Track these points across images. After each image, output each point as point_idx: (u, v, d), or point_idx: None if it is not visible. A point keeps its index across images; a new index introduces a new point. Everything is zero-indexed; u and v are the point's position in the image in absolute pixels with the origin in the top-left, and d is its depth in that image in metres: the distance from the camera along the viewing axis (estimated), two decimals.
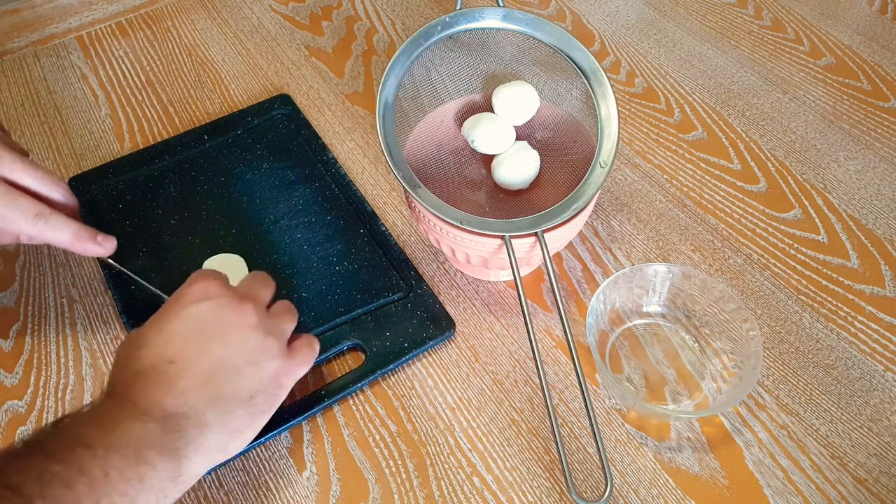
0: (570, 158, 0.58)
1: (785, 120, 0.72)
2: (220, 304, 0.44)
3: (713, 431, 0.51)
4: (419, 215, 0.54)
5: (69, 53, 0.79)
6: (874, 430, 0.51)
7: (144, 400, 0.40)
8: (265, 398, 0.44)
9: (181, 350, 0.42)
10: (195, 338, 0.43)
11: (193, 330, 0.43)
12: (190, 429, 0.40)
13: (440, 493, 0.48)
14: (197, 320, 0.43)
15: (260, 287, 0.48)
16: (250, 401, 0.43)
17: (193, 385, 0.41)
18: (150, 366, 0.41)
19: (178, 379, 0.41)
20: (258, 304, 0.46)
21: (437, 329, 0.55)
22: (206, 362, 0.42)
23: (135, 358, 0.42)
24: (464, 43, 0.58)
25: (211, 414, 0.41)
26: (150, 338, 0.43)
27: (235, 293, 0.45)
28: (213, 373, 0.42)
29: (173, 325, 0.43)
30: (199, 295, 0.44)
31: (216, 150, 0.67)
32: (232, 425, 0.43)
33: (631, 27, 0.82)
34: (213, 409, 0.41)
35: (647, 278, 0.55)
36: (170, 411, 0.40)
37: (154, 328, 0.43)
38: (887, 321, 0.56)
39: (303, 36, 0.81)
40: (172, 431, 0.40)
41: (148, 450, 0.38)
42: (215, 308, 0.44)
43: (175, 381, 0.41)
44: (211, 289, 0.45)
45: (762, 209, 0.64)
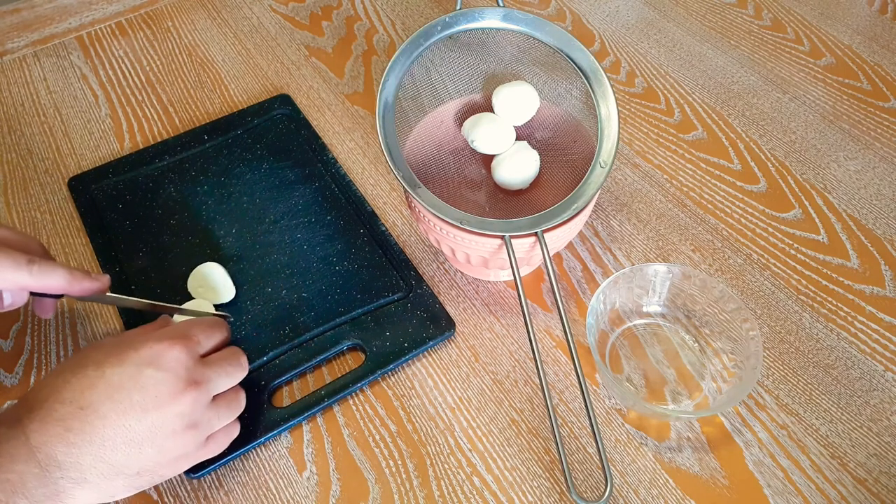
0: (570, 158, 0.58)
1: (785, 120, 0.72)
2: (161, 378, 0.42)
3: (713, 431, 0.51)
4: (419, 215, 0.54)
5: (69, 53, 0.79)
6: (874, 430, 0.51)
7: (36, 437, 0.39)
8: (150, 478, 0.43)
9: (98, 402, 0.41)
10: (117, 396, 0.41)
11: (120, 387, 0.41)
12: (66, 483, 0.40)
13: (440, 493, 0.48)
14: (133, 381, 0.42)
15: (220, 376, 0.46)
16: (135, 476, 0.42)
17: (90, 441, 0.40)
18: (65, 399, 0.40)
19: (78, 429, 0.40)
20: (202, 395, 0.44)
21: (437, 329, 0.55)
22: (112, 426, 0.41)
23: (61, 380, 0.41)
24: (464, 43, 0.58)
25: (92, 475, 0.41)
26: (85, 368, 0.42)
27: (187, 375, 0.43)
28: (115, 438, 0.41)
29: (109, 370, 0.42)
30: (150, 357, 0.43)
31: (216, 150, 0.67)
32: (107, 490, 0.42)
33: (631, 27, 0.82)
34: (95, 471, 0.41)
35: (647, 278, 0.55)
36: (54, 460, 0.39)
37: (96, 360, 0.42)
38: (887, 321, 0.57)
39: (303, 36, 0.81)
40: (48, 483, 0.39)
41: (20, 498, 0.38)
42: (154, 379, 0.42)
43: (75, 430, 0.40)
44: (165, 359, 0.43)
45: (762, 209, 0.64)
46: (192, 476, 0.49)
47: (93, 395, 0.41)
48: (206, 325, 0.47)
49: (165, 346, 0.43)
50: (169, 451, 0.43)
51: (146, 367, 0.42)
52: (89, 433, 0.40)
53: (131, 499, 0.48)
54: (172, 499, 0.48)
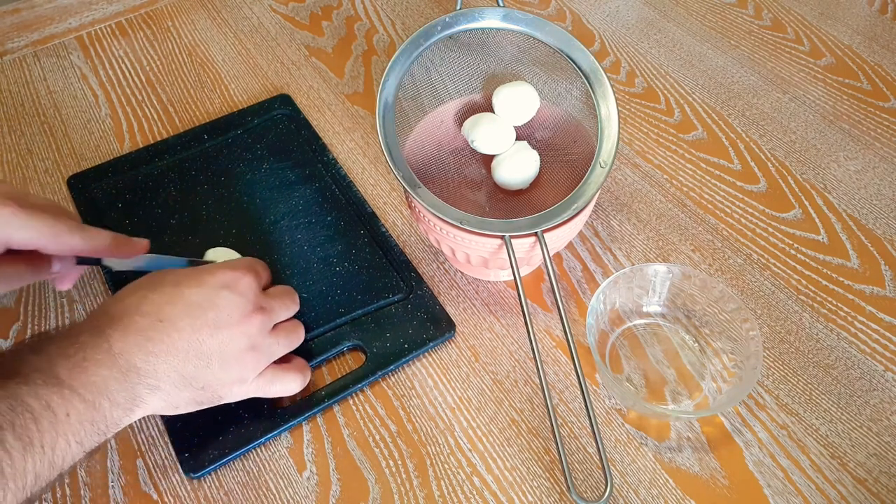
0: (570, 158, 0.58)
1: (785, 120, 0.72)
2: (235, 300, 0.46)
3: (713, 431, 0.51)
4: (419, 215, 0.54)
5: (69, 53, 0.79)
6: (874, 430, 0.51)
7: (118, 345, 0.42)
8: (211, 395, 0.46)
9: (177, 316, 0.44)
10: (195, 313, 0.45)
11: (199, 306, 0.45)
12: (142, 389, 0.43)
13: (440, 493, 0.48)
14: (210, 300, 0.45)
15: (281, 307, 0.50)
16: (200, 390, 0.45)
17: (166, 351, 0.43)
18: (145, 312, 0.44)
19: (156, 339, 0.43)
20: (267, 320, 0.48)
21: (438, 329, 0.55)
22: (187, 339, 0.44)
23: (138, 296, 0.45)
24: (464, 43, 0.58)
25: (165, 384, 0.44)
26: (164, 286, 0.45)
27: (255, 300, 0.48)
28: (188, 351, 0.44)
29: (187, 290, 0.45)
30: (226, 281, 0.47)
31: (216, 150, 0.67)
32: (173, 400, 0.45)
33: (631, 27, 0.82)
34: (169, 380, 0.44)
35: (647, 278, 0.55)
36: (135, 367, 0.42)
37: (173, 280, 0.46)
38: (887, 321, 0.57)
39: (303, 36, 0.81)
40: (129, 387, 0.42)
41: (104, 399, 0.41)
42: (229, 301, 0.46)
43: (153, 340, 0.43)
44: (241, 284, 0.47)
45: (762, 209, 0.64)
46: (193, 476, 0.49)
47: (172, 310, 0.44)
48: (263, 263, 0.52)
49: (239, 274, 0.48)
50: (231, 369, 0.46)
51: (222, 289, 0.46)
52: (167, 343, 0.43)
53: (133, 496, 0.48)
54: (172, 499, 0.48)
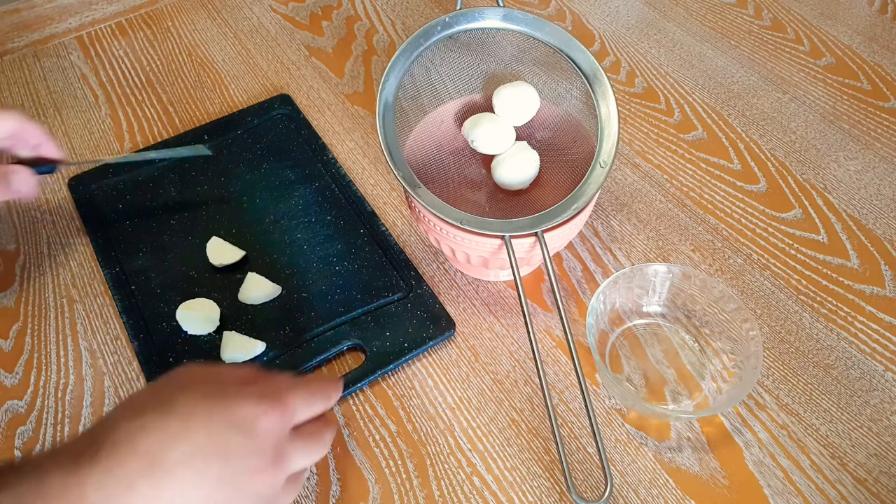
0: (570, 158, 0.58)
1: (785, 120, 0.72)
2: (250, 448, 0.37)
3: (713, 431, 0.51)
4: (419, 215, 0.54)
5: (69, 53, 0.79)
6: (874, 430, 0.51)
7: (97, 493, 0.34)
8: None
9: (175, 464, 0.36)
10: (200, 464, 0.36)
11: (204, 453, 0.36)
12: None
13: (440, 493, 0.48)
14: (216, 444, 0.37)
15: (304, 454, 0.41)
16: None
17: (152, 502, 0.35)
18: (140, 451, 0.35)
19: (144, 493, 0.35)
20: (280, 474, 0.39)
21: (437, 329, 0.55)
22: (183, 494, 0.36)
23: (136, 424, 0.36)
24: (464, 43, 0.58)
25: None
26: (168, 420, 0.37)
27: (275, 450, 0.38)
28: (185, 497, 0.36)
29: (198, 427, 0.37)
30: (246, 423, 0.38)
31: (216, 150, 0.67)
32: None
33: (631, 27, 0.82)
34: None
35: (647, 278, 0.55)
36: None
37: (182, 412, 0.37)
38: (887, 321, 0.56)
39: (303, 36, 0.81)
40: None
41: None
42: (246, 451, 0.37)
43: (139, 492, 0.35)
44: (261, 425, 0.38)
45: (762, 209, 0.64)
46: None
47: (171, 455, 0.36)
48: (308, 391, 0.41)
49: (261, 412, 0.38)
50: None
51: (235, 434, 0.37)
52: (156, 500, 0.35)
53: None
54: None
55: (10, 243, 0.62)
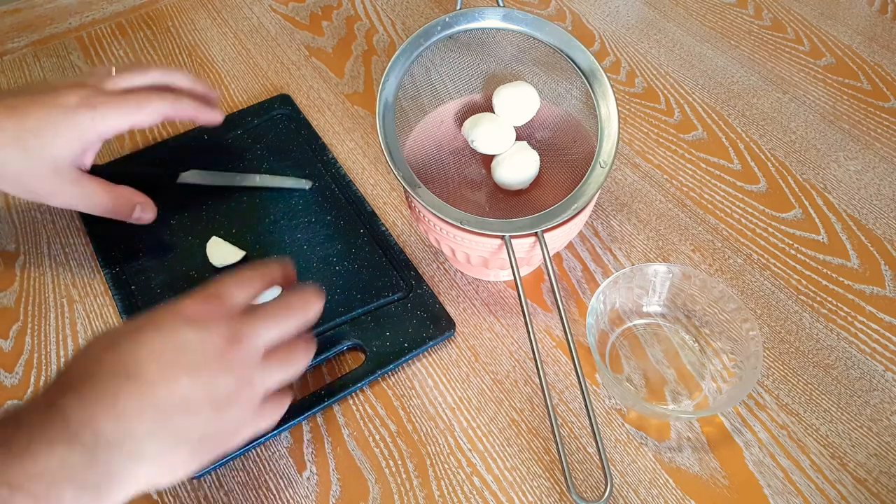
0: (570, 158, 0.58)
1: (785, 120, 0.72)
2: (207, 336, 0.39)
3: (713, 431, 0.51)
4: (419, 215, 0.54)
5: (69, 53, 0.79)
6: (874, 430, 0.51)
7: (77, 414, 0.35)
8: (213, 446, 0.40)
9: (145, 367, 0.37)
10: (165, 360, 0.38)
11: (167, 350, 0.38)
12: (120, 460, 0.35)
13: (440, 493, 0.48)
14: (176, 342, 0.38)
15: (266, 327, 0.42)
16: (197, 443, 0.39)
17: (141, 410, 0.36)
18: (106, 371, 0.37)
19: (125, 397, 0.36)
20: (250, 349, 0.41)
21: (437, 329, 0.55)
22: (164, 390, 0.37)
23: (94, 356, 0.38)
24: (464, 43, 0.58)
25: (150, 446, 0.36)
26: (121, 340, 0.38)
27: (230, 330, 0.40)
28: (169, 404, 0.37)
29: (149, 336, 0.38)
30: (192, 316, 0.40)
31: (216, 150, 0.67)
32: (169, 461, 0.38)
33: (631, 27, 0.82)
34: (154, 441, 0.37)
35: (647, 278, 0.55)
36: (103, 437, 0.35)
37: (130, 331, 0.39)
38: (887, 321, 0.57)
39: (303, 36, 0.81)
40: (98, 464, 0.34)
41: (65, 487, 0.33)
42: (201, 338, 0.39)
43: (122, 398, 0.36)
44: (207, 314, 0.40)
45: (762, 209, 0.64)
46: (193, 476, 0.49)
47: (136, 364, 0.37)
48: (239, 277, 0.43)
49: (199, 304, 0.40)
50: (229, 414, 0.39)
51: (183, 327, 0.39)
52: (139, 400, 0.36)
53: None
54: (172, 499, 0.48)
55: (10, 243, 0.62)
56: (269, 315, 0.42)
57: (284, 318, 0.43)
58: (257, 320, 0.42)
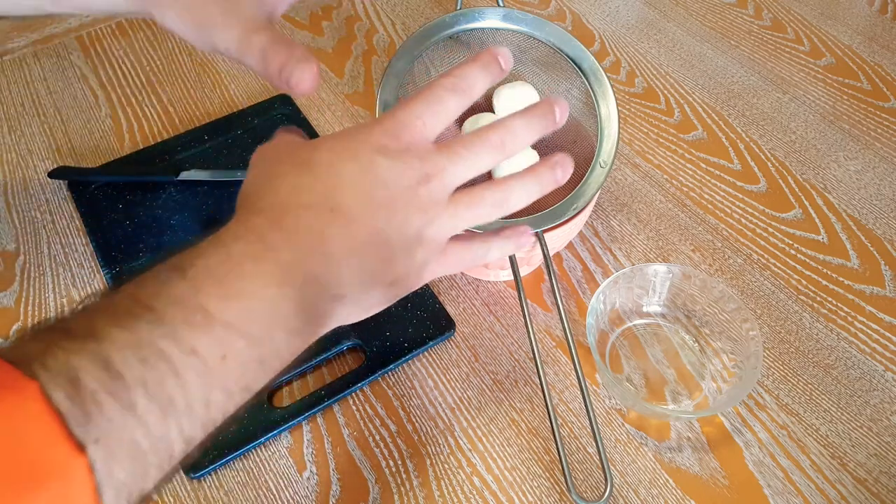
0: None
1: (785, 120, 0.72)
2: (398, 168, 0.36)
3: (713, 431, 0.51)
4: None
5: (69, 53, 0.79)
6: (874, 430, 0.51)
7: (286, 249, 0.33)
8: (403, 287, 0.38)
9: (348, 203, 0.35)
10: (366, 194, 0.35)
11: (363, 184, 0.35)
12: (325, 302, 0.34)
13: (440, 493, 0.48)
14: (374, 175, 0.35)
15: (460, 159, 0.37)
16: (389, 286, 0.37)
17: (346, 249, 0.34)
18: (308, 203, 0.34)
19: (332, 236, 0.34)
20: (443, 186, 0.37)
21: (437, 329, 0.55)
22: (367, 228, 0.35)
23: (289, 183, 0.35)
24: (464, 43, 0.58)
25: (350, 288, 0.35)
26: (314, 168, 0.36)
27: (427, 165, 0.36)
28: (369, 243, 0.35)
29: (348, 165, 0.35)
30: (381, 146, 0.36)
31: (216, 150, 0.67)
32: (363, 303, 0.37)
33: (631, 27, 0.82)
34: (354, 283, 0.35)
35: (647, 278, 0.55)
36: (311, 276, 0.33)
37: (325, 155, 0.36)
38: (887, 321, 0.57)
39: (303, 36, 0.81)
40: (308, 306, 0.33)
41: (277, 329, 0.32)
42: (399, 172, 0.36)
43: (329, 238, 0.34)
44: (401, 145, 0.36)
45: (762, 209, 0.64)
46: (193, 476, 0.49)
47: (340, 196, 0.35)
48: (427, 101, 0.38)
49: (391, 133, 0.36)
50: (416, 253, 0.37)
51: (378, 156, 0.36)
52: (345, 239, 0.34)
53: None
54: (172, 499, 0.48)
55: (10, 243, 0.62)
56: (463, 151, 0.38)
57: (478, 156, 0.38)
58: (459, 150, 0.38)
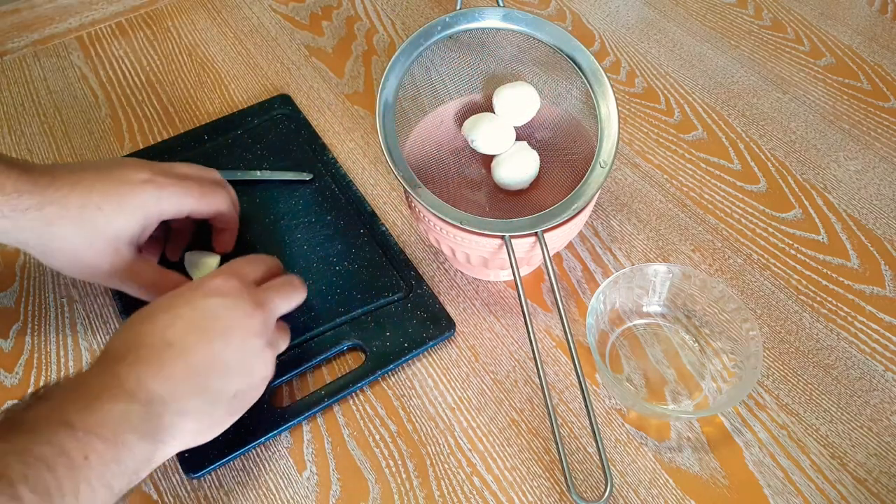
0: (570, 158, 0.58)
1: (785, 120, 0.72)
2: (234, 304, 0.45)
3: (713, 431, 0.51)
4: (419, 215, 0.54)
5: (69, 53, 0.79)
6: (874, 430, 0.51)
7: (131, 378, 0.40)
8: (243, 401, 0.46)
9: (182, 336, 0.43)
10: (199, 328, 0.43)
11: (200, 320, 0.44)
12: (170, 415, 0.41)
13: (440, 493, 0.48)
14: (206, 312, 0.44)
15: (278, 297, 0.48)
16: (232, 400, 0.44)
17: (184, 373, 0.42)
18: (149, 343, 0.42)
19: (170, 363, 0.42)
20: (269, 315, 0.47)
21: (437, 329, 0.55)
22: (202, 354, 0.43)
23: (135, 331, 0.43)
24: (464, 43, 0.58)
25: (193, 404, 0.42)
26: (157, 315, 0.44)
27: (251, 298, 0.46)
28: (207, 366, 0.43)
29: (182, 309, 0.44)
30: (216, 289, 0.45)
31: (216, 151, 0.67)
32: (209, 419, 0.44)
33: (631, 27, 0.82)
34: (196, 400, 0.42)
35: (647, 278, 0.55)
36: (154, 394, 0.40)
37: (164, 307, 0.44)
38: (887, 321, 0.57)
39: (303, 36, 0.81)
40: (153, 417, 0.40)
41: (128, 433, 0.39)
42: (228, 306, 0.45)
43: (167, 364, 0.41)
44: (230, 287, 0.46)
45: (762, 209, 0.64)
46: (193, 476, 0.49)
47: (175, 333, 0.43)
48: (248, 259, 0.50)
49: (221, 280, 0.46)
50: (255, 370, 0.46)
51: (212, 298, 0.45)
52: (182, 365, 0.42)
53: (133, 496, 0.48)
54: (172, 499, 0.48)
55: None
56: (282, 289, 0.49)
57: (292, 294, 0.50)
58: (273, 292, 0.48)
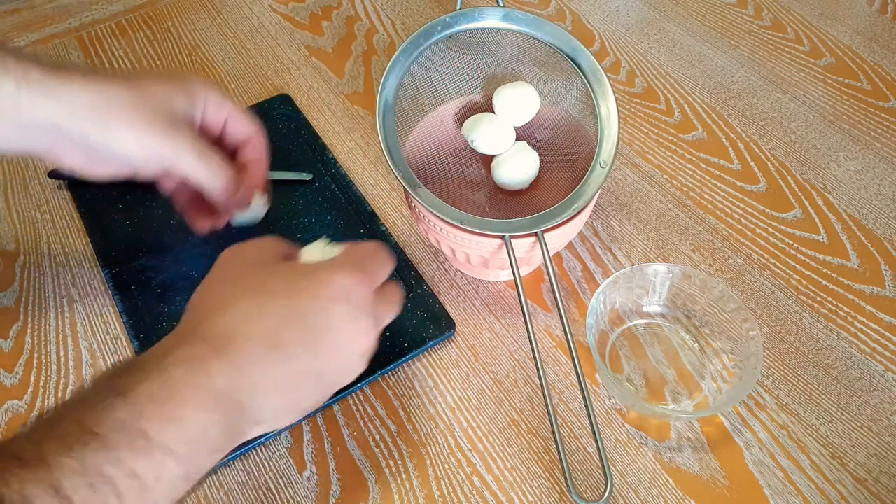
0: (570, 158, 0.58)
1: (785, 120, 0.72)
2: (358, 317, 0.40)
3: (713, 431, 0.51)
4: (419, 215, 0.54)
5: (69, 53, 0.79)
6: (874, 430, 0.51)
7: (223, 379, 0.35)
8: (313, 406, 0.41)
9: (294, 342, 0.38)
10: (315, 339, 0.38)
11: (315, 328, 0.38)
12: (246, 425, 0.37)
13: (440, 493, 0.48)
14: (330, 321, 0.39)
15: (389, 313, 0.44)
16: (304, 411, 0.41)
17: (280, 387, 0.38)
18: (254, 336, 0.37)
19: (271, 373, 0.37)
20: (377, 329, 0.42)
21: (437, 329, 0.55)
22: (304, 370, 0.38)
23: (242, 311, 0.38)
24: (464, 43, 0.58)
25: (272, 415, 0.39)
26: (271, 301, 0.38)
27: (374, 312, 0.41)
28: (302, 382, 0.39)
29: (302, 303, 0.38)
30: (345, 294, 0.40)
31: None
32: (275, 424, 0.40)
33: (631, 27, 0.82)
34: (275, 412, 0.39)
35: (647, 278, 0.55)
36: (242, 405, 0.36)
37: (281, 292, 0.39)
38: (887, 321, 0.57)
39: (303, 36, 0.81)
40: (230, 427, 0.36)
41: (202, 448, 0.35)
42: (351, 319, 0.40)
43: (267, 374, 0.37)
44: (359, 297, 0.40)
45: (762, 209, 0.64)
46: None
47: (287, 336, 0.38)
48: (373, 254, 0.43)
49: (354, 282, 0.40)
50: (338, 385, 0.41)
51: (338, 305, 0.39)
52: (282, 378, 0.37)
53: None
54: None
55: (10, 243, 0.62)
56: (392, 304, 0.44)
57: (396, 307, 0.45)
58: (387, 307, 0.44)
